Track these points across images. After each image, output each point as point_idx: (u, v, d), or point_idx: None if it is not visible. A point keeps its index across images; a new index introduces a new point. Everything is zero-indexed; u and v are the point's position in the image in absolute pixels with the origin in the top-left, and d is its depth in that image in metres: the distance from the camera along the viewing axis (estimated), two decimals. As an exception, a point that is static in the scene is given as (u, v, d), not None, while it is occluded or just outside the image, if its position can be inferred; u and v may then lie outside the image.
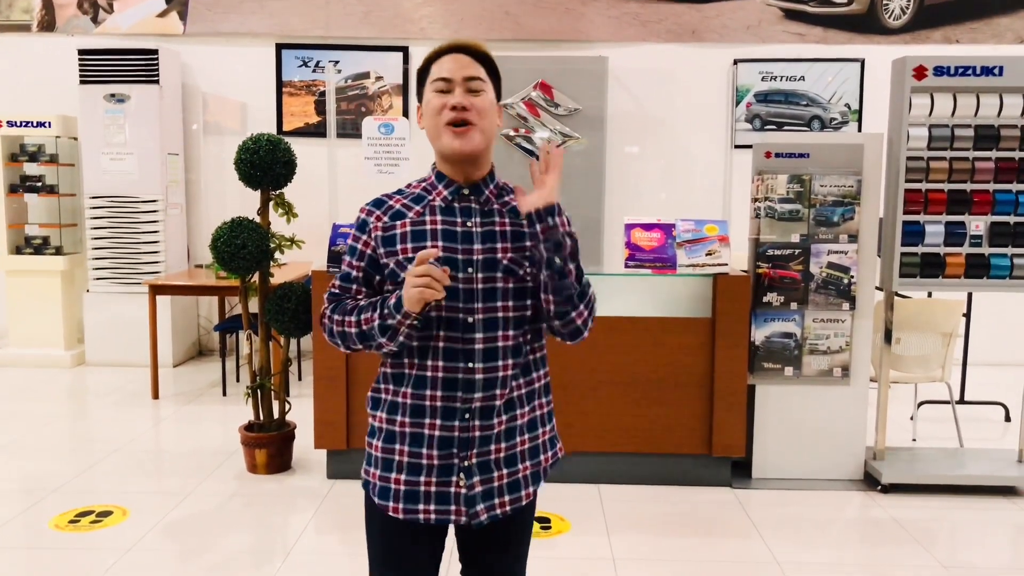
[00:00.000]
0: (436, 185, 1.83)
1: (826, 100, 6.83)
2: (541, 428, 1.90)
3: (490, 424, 1.78)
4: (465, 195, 1.81)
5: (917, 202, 4.05)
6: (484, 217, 1.80)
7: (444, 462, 1.77)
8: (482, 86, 1.79)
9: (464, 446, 1.77)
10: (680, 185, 6.97)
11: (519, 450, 1.84)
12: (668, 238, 4.10)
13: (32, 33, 7.00)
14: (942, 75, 3.97)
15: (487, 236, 1.78)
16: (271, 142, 4.16)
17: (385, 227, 1.80)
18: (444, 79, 1.77)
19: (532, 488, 1.87)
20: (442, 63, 1.79)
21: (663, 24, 6.86)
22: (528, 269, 1.78)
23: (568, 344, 1.97)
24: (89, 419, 5.42)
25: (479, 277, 1.75)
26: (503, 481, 1.81)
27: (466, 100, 1.75)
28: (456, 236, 1.77)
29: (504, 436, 1.81)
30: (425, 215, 1.79)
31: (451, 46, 1.80)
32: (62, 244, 6.70)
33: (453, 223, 1.78)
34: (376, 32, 6.87)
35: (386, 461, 1.81)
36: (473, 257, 1.76)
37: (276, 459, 4.31)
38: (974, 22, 6.80)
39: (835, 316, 4.14)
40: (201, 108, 7.03)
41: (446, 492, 1.77)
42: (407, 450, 1.79)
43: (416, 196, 1.83)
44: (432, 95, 1.78)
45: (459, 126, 1.74)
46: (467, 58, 1.79)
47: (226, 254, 4.11)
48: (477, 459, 1.78)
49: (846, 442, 4.22)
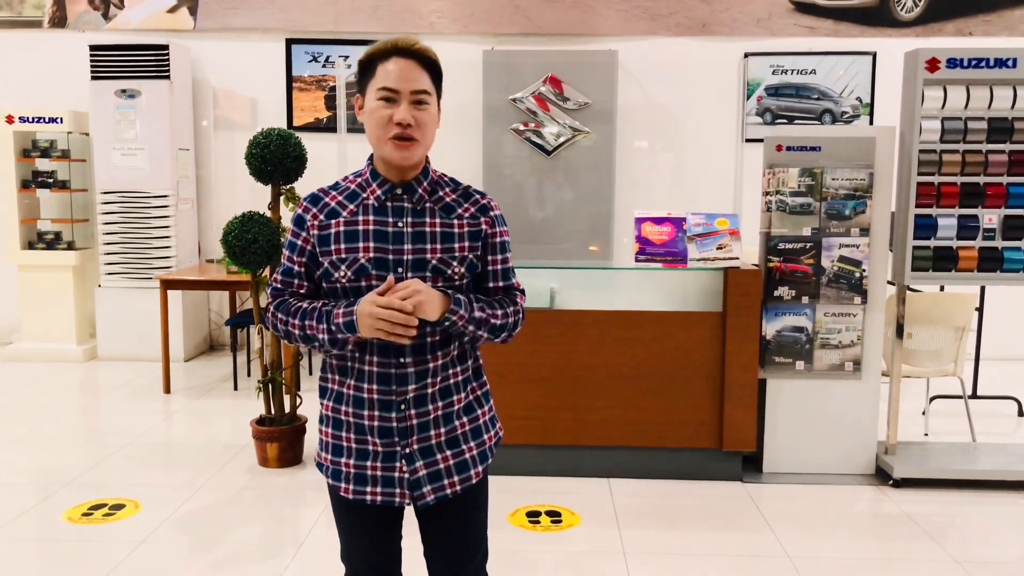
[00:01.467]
0: (371, 183, 1.89)
1: (837, 94, 6.79)
2: (479, 409, 1.99)
3: (426, 411, 1.88)
4: (398, 195, 1.88)
5: (930, 195, 4.02)
6: (415, 216, 1.87)
7: (387, 449, 1.88)
8: (427, 99, 1.84)
9: (403, 435, 1.87)
10: (690, 179, 6.94)
11: (459, 432, 1.93)
12: (679, 232, 4.09)
13: (44, 29, 7.02)
14: (955, 67, 3.94)
15: (417, 236, 1.85)
16: (281, 137, 4.17)
17: (321, 225, 1.87)
18: (390, 89, 1.80)
19: (481, 467, 1.96)
20: (388, 68, 1.81)
21: (673, 18, 6.83)
22: (456, 268, 1.86)
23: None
24: (101, 413, 5.45)
25: (409, 277, 1.82)
26: (449, 463, 1.91)
27: (410, 116, 1.80)
28: (387, 236, 1.84)
29: (443, 421, 1.90)
30: (359, 214, 1.87)
31: (399, 47, 1.82)
32: (74, 239, 6.73)
33: (385, 223, 1.85)
34: (385, 27, 6.86)
35: (336, 447, 1.93)
36: (403, 257, 1.83)
37: (287, 453, 4.33)
38: (987, 14, 6.75)
39: (847, 310, 4.12)
40: (211, 103, 7.05)
41: (391, 476, 1.89)
42: (353, 437, 1.90)
43: (351, 193, 1.90)
44: (376, 103, 1.82)
45: (402, 140, 1.81)
46: (413, 65, 1.82)
47: (237, 248, 4.12)
48: (418, 445, 1.88)
49: (858, 437, 4.21)
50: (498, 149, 6.58)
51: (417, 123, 1.81)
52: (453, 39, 6.85)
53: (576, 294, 4.29)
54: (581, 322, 4.12)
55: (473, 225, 1.89)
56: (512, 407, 3.98)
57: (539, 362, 4.11)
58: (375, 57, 1.84)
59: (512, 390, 4.06)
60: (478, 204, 1.92)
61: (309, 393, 4.83)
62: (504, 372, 3.95)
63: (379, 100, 1.82)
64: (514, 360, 4.02)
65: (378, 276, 1.81)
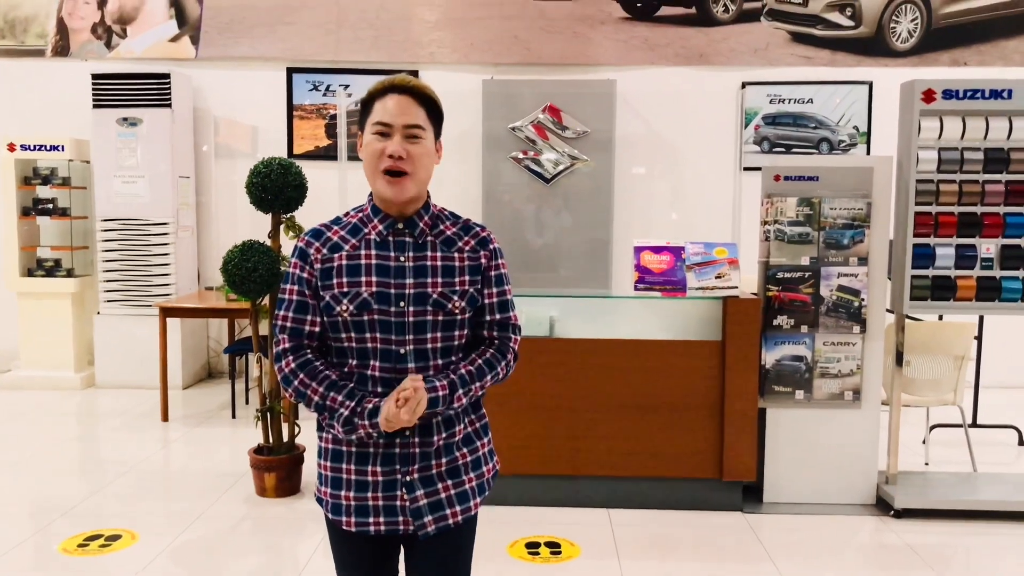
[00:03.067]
0: (372, 218, 1.91)
1: (834, 122, 6.84)
2: (478, 441, 2.00)
3: (430, 440, 1.89)
4: (399, 229, 1.89)
5: (927, 225, 4.04)
6: (417, 251, 1.88)
7: (388, 478, 1.88)
8: (421, 133, 1.85)
9: (405, 462, 1.88)
10: (689, 207, 6.97)
11: (460, 463, 1.94)
12: (677, 261, 4.10)
13: (46, 58, 7.07)
14: (951, 98, 3.98)
15: (419, 271, 1.87)
16: (282, 166, 4.19)
17: (324, 259, 1.88)
18: (384, 123, 1.84)
19: (479, 498, 1.98)
20: (385, 103, 1.85)
21: (671, 47, 6.89)
22: (456, 302, 1.88)
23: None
24: (98, 441, 5.43)
25: (410, 311, 1.84)
26: (451, 492, 1.92)
27: (403, 149, 1.82)
28: (389, 271, 1.86)
29: (444, 451, 1.92)
30: (360, 249, 1.88)
31: (395, 85, 1.86)
32: (73, 266, 6.73)
33: (387, 257, 1.87)
34: (386, 57, 6.92)
35: (335, 479, 1.92)
36: (405, 291, 1.85)
37: (285, 483, 4.30)
38: (981, 45, 6.81)
39: (846, 339, 4.12)
40: (212, 131, 7.09)
41: (392, 505, 1.89)
42: (354, 468, 1.90)
43: (353, 227, 1.92)
44: (371, 137, 1.85)
45: (394, 175, 1.83)
46: (410, 101, 1.85)
47: (237, 277, 4.13)
48: (419, 474, 1.89)
49: (858, 466, 4.19)
50: (498, 177, 6.61)
51: (409, 156, 1.83)
52: (453, 68, 6.91)
53: (575, 323, 4.29)
54: (580, 351, 4.11)
55: (473, 259, 1.91)
56: (511, 436, 3.97)
57: (538, 391, 4.10)
58: (374, 95, 1.88)
59: (511, 419, 4.05)
60: (478, 237, 1.94)
61: (307, 422, 4.80)
62: (503, 400, 3.93)
63: (374, 135, 1.85)
64: (513, 389, 3.99)
65: (380, 310, 1.82)
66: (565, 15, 6.91)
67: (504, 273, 1.98)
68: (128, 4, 7.02)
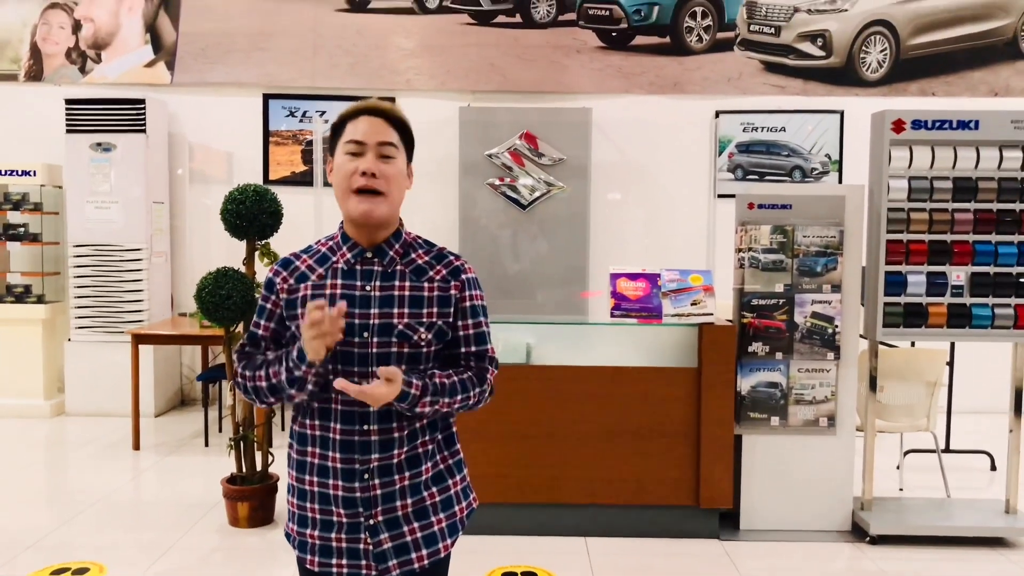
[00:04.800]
0: (341, 246, 1.89)
1: (807, 150, 6.93)
2: (450, 479, 1.93)
3: (391, 480, 1.82)
4: (368, 258, 1.86)
5: (899, 252, 4.09)
6: (384, 280, 1.85)
7: (351, 520, 1.83)
8: (394, 152, 1.84)
9: (367, 505, 1.82)
10: (664, 234, 7.02)
11: (429, 503, 1.88)
12: (653, 288, 4.12)
13: (19, 83, 7.02)
14: (920, 128, 4.05)
15: (385, 301, 1.82)
16: (257, 193, 4.17)
17: (290, 289, 1.86)
18: (357, 142, 1.82)
19: (450, 540, 1.91)
20: (357, 124, 1.83)
21: (645, 76, 6.97)
22: (423, 334, 1.83)
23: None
24: (67, 471, 5.33)
25: (374, 341, 1.80)
26: (417, 535, 1.85)
27: (376, 167, 1.80)
28: (355, 300, 1.82)
29: (410, 491, 1.85)
30: (327, 278, 1.85)
31: (367, 108, 1.85)
32: (44, 292, 6.64)
33: (352, 287, 1.83)
34: (363, 83, 6.93)
35: (301, 517, 1.88)
36: (369, 322, 1.81)
37: (259, 512, 4.24)
38: (949, 75, 6.95)
39: (820, 365, 4.15)
40: (188, 156, 7.05)
41: (355, 548, 1.83)
42: (318, 508, 1.85)
43: (321, 256, 1.90)
44: (344, 157, 1.83)
45: (367, 193, 1.80)
46: (382, 122, 1.84)
47: (211, 304, 4.09)
48: (383, 516, 1.83)
49: (834, 492, 4.21)
50: (474, 203, 6.62)
51: (383, 175, 1.81)
52: (430, 95, 6.93)
53: (552, 349, 4.28)
54: (556, 378, 4.11)
55: (443, 289, 1.87)
56: (487, 464, 3.94)
57: (514, 418, 4.08)
58: (345, 118, 1.87)
59: (486, 447, 4.03)
60: (451, 266, 1.90)
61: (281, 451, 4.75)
62: (478, 429, 3.91)
63: (346, 154, 1.83)
64: (488, 416, 3.98)
65: (344, 341, 1.78)
66: (541, 44, 6.97)
67: (479, 304, 1.93)
68: (103, 29, 6.99)
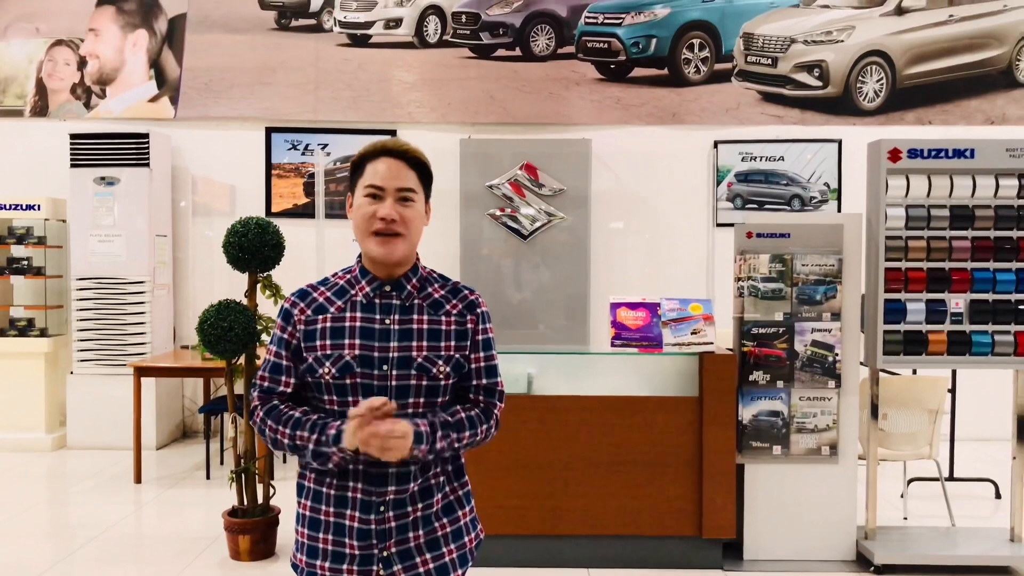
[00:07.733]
0: (360, 280, 1.91)
1: (805, 179, 6.98)
2: (460, 510, 1.96)
3: (404, 512, 1.85)
4: (387, 292, 1.88)
5: (898, 280, 4.11)
6: (403, 314, 1.87)
7: (364, 552, 1.84)
8: (413, 196, 1.87)
9: (382, 537, 1.84)
10: (664, 263, 7.04)
11: (440, 534, 1.90)
12: (653, 317, 4.13)
13: (25, 118, 7.10)
14: (916, 157, 4.08)
15: (404, 334, 1.85)
16: (259, 226, 4.20)
17: (308, 320, 1.87)
18: (376, 186, 1.85)
19: (460, 571, 1.93)
20: (377, 166, 1.86)
21: (644, 107, 7.04)
22: (441, 367, 1.85)
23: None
24: (68, 504, 5.31)
25: (393, 374, 1.83)
26: (429, 567, 1.87)
27: (395, 212, 1.84)
28: (374, 333, 1.84)
29: (422, 523, 1.87)
30: (346, 311, 1.87)
31: (388, 148, 1.88)
32: (47, 326, 6.66)
33: (372, 320, 1.86)
34: (364, 116, 7.01)
35: (311, 548, 1.88)
36: (389, 355, 1.83)
37: (260, 545, 4.22)
38: (945, 104, 7.01)
39: (821, 394, 4.15)
40: (190, 190, 7.11)
41: None
42: (331, 539, 1.85)
43: (339, 289, 1.91)
44: (363, 200, 1.86)
45: (386, 235, 1.83)
46: (401, 165, 1.87)
47: (212, 337, 4.11)
48: (396, 548, 1.85)
49: (837, 521, 4.18)
50: (476, 233, 6.66)
51: (402, 219, 1.84)
52: (431, 128, 7.00)
53: (553, 379, 4.29)
54: (558, 407, 4.11)
55: (460, 323, 1.90)
56: (488, 495, 3.92)
57: (516, 449, 4.08)
58: (365, 157, 1.89)
59: (488, 478, 4.01)
60: (466, 300, 1.93)
61: (283, 483, 4.75)
62: (480, 459, 3.90)
63: (365, 197, 1.85)
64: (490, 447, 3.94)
65: (363, 373, 1.81)
66: (540, 76, 7.05)
67: (491, 338, 1.97)
68: (108, 65, 7.08)
